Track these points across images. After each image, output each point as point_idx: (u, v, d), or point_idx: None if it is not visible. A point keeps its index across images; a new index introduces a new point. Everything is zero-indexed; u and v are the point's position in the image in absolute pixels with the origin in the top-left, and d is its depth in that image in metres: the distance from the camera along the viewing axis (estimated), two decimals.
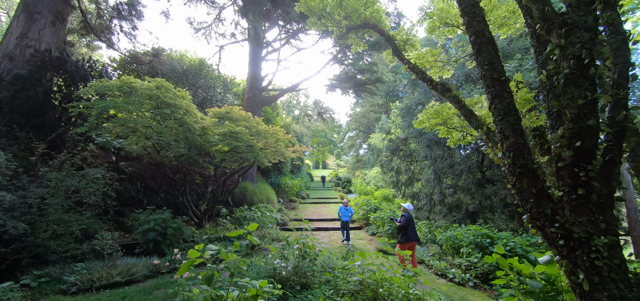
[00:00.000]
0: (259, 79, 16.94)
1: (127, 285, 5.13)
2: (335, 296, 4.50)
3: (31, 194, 4.87)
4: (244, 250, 3.08)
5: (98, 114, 6.70)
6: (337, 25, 4.98)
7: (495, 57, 2.17)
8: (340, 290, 4.63)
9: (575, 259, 1.92)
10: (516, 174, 2.03)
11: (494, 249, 7.51)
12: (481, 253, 7.60)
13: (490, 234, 7.80)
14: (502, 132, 2.09)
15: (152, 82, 7.45)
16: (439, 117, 4.42)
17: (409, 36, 4.63)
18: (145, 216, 7.11)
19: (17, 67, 8.86)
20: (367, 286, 4.49)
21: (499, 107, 2.10)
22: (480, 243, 7.76)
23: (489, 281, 7.38)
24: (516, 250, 7.18)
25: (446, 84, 3.43)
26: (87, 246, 5.54)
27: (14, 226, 4.34)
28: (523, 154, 1.99)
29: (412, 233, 6.91)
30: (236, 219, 9.83)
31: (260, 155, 8.10)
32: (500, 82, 2.14)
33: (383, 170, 16.27)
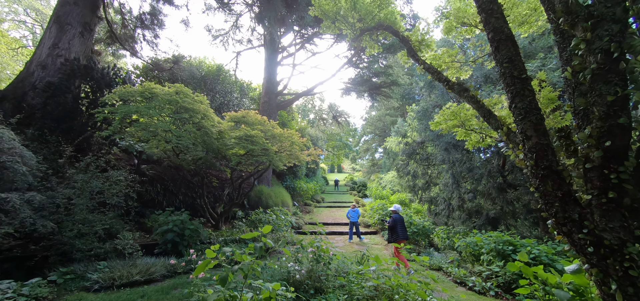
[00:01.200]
0: (274, 83, 17.16)
1: (146, 284, 5.27)
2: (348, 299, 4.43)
3: (59, 194, 5.13)
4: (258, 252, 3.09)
5: (121, 119, 7.00)
6: (351, 28, 4.96)
7: (515, 54, 2.07)
8: (355, 295, 4.55)
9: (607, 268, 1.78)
10: (539, 177, 1.92)
11: (516, 257, 7.21)
12: (503, 261, 7.27)
13: (512, 242, 7.46)
14: (524, 133, 1.98)
15: (172, 88, 7.70)
16: (457, 118, 4.28)
17: (424, 37, 4.54)
18: (164, 218, 7.31)
19: (48, 75, 9.43)
20: (382, 292, 4.39)
21: (520, 107, 2.00)
22: (501, 250, 7.43)
23: (511, 291, 7.05)
24: (541, 258, 6.82)
25: (463, 84, 3.32)
26: (109, 245, 5.76)
27: (43, 225, 4.58)
28: (547, 155, 1.88)
29: (401, 232, 7.51)
30: (251, 222, 9.94)
31: (275, 158, 8.16)
32: (520, 80, 2.04)
33: (399, 174, 15.99)
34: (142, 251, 6.13)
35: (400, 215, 7.79)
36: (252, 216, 10.16)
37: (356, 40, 5.03)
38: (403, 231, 7.56)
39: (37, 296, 4.03)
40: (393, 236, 7.55)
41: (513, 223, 12.25)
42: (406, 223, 10.54)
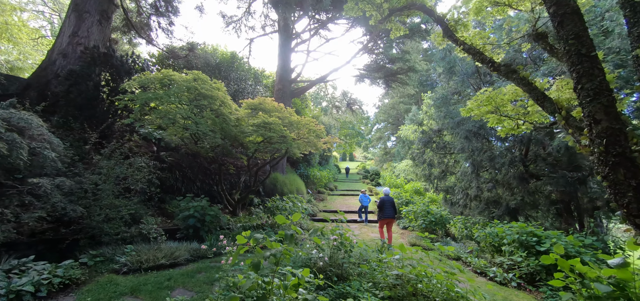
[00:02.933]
0: (288, 70, 16.98)
1: (171, 267, 5.38)
2: (374, 289, 4.38)
3: (86, 180, 5.24)
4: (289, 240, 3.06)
5: (141, 106, 7.04)
6: (378, 9, 4.74)
7: (582, 29, 1.87)
8: (379, 283, 4.50)
9: None
10: (610, 165, 1.76)
11: (540, 249, 6.99)
12: (526, 252, 7.07)
13: (536, 233, 7.23)
14: (592, 116, 1.81)
15: (190, 75, 7.68)
16: (491, 104, 4.07)
17: (460, 17, 4.28)
18: (185, 203, 7.42)
19: (70, 63, 9.57)
20: (407, 280, 4.32)
21: (587, 87, 1.82)
22: (525, 241, 7.22)
23: (535, 283, 6.88)
24: (569, 251, 6.59)
25: (511, 65, 3.10)
26: (134, 229, 5.88)
27: (72, 209, 4.69)
28: (619, 141, 1.71)
29: (387, 212, 8.58)
30: (268, 209, 10.00)
31: (293, 146, 8.11)
32: (588, 58, 1.85)
33: (415, 163, 15.74)
34: (165, 235, 6.24)
35: (389, 197, 8.91)
36: (269, 204, 10.22)
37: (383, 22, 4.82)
38: (389, 211, 8.57)
39: (70, 277, 4.16)
40: (380, 214, 8.71)
41: (533, 215, 11.92)
42: (423, 212, 10.40)
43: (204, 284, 4.78)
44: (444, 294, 4.36)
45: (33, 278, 3.78)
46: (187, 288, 4.60)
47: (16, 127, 4.52)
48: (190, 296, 4.29)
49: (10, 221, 3.89)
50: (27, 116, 4.70)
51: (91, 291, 4.03)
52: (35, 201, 4.28)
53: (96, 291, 4.07)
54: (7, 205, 3.95)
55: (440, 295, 4.37)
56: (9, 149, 4.00)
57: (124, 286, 4.29)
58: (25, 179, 4.40)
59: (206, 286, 4.69)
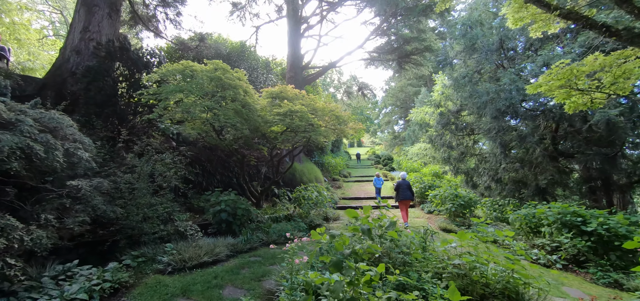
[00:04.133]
0: (299, 57, 16.54)
1: (213, 264, 5.22)
2: (434, 279, 4.17)
3: (121, 179, 5.04)
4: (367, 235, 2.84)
5: (165, 100, 6.78)
6: None
7: None
8: (438, 272, 4.29)
9: None
10: None
11: (586, 228, 6.71)
12: (571, 233, 6.80)
13: (580, 212, 6.93)
14: None
15: (210, 65, 7.37)
16: (564, 78, 3.72)
17: None
18: (215, 198, 7.24)
19: (83, 60, 9.29)
20: (471, 268, 4.11)
21: None
22: (568, 221, 6.94)
23: (581, 265, 6.64)
24: (617, 230, 6.32)
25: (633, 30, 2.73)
26: (170, 227, 5.72)
27: (112, 211, 4.50)
28: None
29: (403, 194, 9.28)
30: (295, 199, 9.82)
31: (321, 133, 7.84)
32: None
33: (433, 145, 15.39)
34: (202, 231, 6.09)
35: (406, 181, 9.59)
36: (294, 194, 10.04)
37: None
38: (404, 193, 9.29)
39: (119, 280, 4.00)
40: (397, 196, 9.46)
41: (562, 194, 11.60)
42: (451, 196, 10.14)
43: (251, 281, 4.61)
44: (505, 280, 4.15)
45: (84, 284, 3.62)
46: (236, 285, 4.44)
47: (48, 128, 4.30)
48: (243, 294, 4.11)
49: (55, 226, 3.70)
50: (58, 115, 4.47)
51: (142, 295, 3.87)
52: (75, 204, 4.08)
53: (147, 294, 3.91)
54: (49, 210, 3.76)
55: (502, 281, 4.17)
56: (45, 151, 3.78)
57: (173, 288, 4.13)
58: (62, 182, 4.20)
59: (255, 283, 4.53)
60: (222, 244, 5.85)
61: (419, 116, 24.55)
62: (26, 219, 3.65)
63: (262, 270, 5.13)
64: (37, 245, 3.31)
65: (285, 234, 7.28)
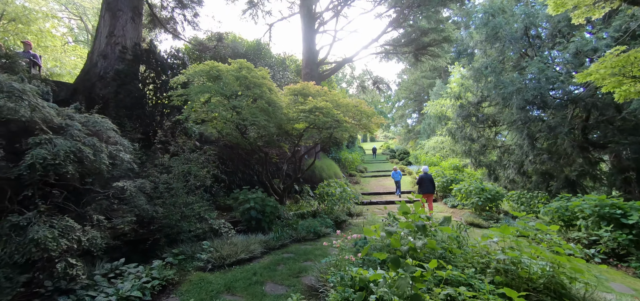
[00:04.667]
0: (314, 53, 16.49)
1: (250, 261, 5.30)
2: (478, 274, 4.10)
3: (159, 180, 5.16)
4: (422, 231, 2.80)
5: (194, 101, 6.89)
6: None
7: None
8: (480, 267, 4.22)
9: None
10: None
11: (627, 222, 6.46)
12: (610, 226, 6.56)
13: (620, 205, 6.67)
14: None
15: (234, 64, 7.43)
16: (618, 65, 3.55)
17: None
18: (244, 196, 7.33)
19: (110, 65, 9.52)
20: (516, 263, 4.02)
21: None
22: (607, 214, 6.69)
23: (622, 258, 6.40)
24: None
25: None
26: (205, 225, 5.83)
27: (154, 210, 4.62)
28: None
29: (426, 187, 9.60)
30: (319, 196, 9.85)
31: (348, 129, 7.81)
32: None
33: (454, 138, 15.10)
34: (234, 229, 6.18)
35: (428, 174, 9.89)
36: (318, 190, 10.06)
37: None
38: (427, 187, 9.60)
39: (165, 277, 4.11)
40: (420, 190, 9.75)
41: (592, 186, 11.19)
42: (477, 189, 9.94)
43: (289, 277, 4.65)
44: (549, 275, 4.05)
45: (135, 282, 3.74)
46: (275, 282, 4.49)
47: (92, 131, 4.43)
48: (284, 291, 4.16)
49: (107, 227, 3.83)
50: (100, 119, 4.61)
51: (190, 292, 3.97)
52: (122, 204, 4.21)
53: (193, 291, 4.00)
54: (98, 211, 3.89)
55: (545, 276, 4.07)
56: (93, 154, 3.90)
57: (216, 284, 4.22)
58: (107, 183, 4.33)
59: (294, 280, 4.57)
60: (255, 241, 5.93)
61: (435, 108, 24.13)
62: (77, 221, 3.79)
63: (297, 266, 5.17)
64: (93, 245, 3.44)
65: (314, 231, 7.36)
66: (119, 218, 4.00)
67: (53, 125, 3.73)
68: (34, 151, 3.22)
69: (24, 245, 2.79)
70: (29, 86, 3.67)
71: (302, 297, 3.41)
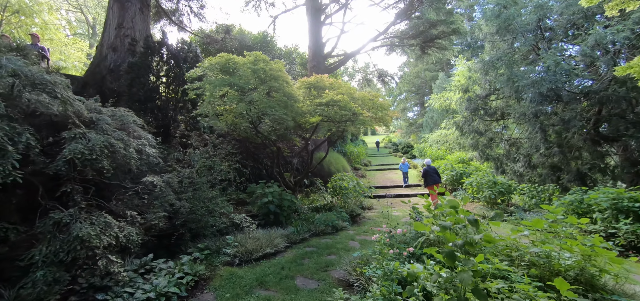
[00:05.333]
0: (320, 46, 16.31)
1: (275, 255, 5.29)
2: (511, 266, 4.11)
3: (183, 174, 5.11)
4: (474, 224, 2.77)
5: (211, 95, 6.79)
6: None
7: None
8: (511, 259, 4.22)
9: None
10: None
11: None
12: (629, 219, 6.60)
13: (637, 197, 6.70)
14: None
15: (250, 56, 7.32)
16: None
17: None
18: (261, 190, 7.30)
19: (120, 57, 9.38)
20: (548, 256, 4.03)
21: None
22: (625, 207, 6.72)
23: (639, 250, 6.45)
24: None
25: None
26: (226, 220, 5.80)
27: (182, 205, 4.57)
28: None
29: (431, 179, 10.03)
30: (332, 189, 9.84)
31: (365, 122, 7.76)
32: None
33: (461, 131, 15.07)
34: (255, 223, 6.15)
35: (432, 167, 10.27)
36: (330, 183, 10.05)
37: None
38: (432, 178, 10.02)
39: (197, 273, 4.09)
40: (426, 181, 10.20)
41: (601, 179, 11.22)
42: (489, 183, 9.97)
43: (318, 271, 4.65)
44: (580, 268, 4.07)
45: (170, 278, 3.71)
46: (305, 276, 4.48)
47: (119, 126, 4.36)
48: (316, 285, 4.16)
49: (141, 223, 3.78)
50: (126, 113, 4.53)
51: (223, 287, 3.95)
52: (152, 199, 4.16)
53: (227, 286, 3.99)
54: (130, 206, 3.84)
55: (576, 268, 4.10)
56: (125, 148, 3.84)
57: (248, 279, 4.20)
58: (136, 178, 4.27)
59: (323, 273, 4.56)
60: (277, 235, 5.91)
61: (439, 102, 24.06)
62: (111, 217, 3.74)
63: (322, 260, 5.16)
64: (130, 241, 3.40)
65: (332, 224, 7.35)
66: (151, 213, 3.94)
67: (84, 119, 3.66)
68: (71, 145, 3.15)
69: (68, 243, 2.74)
70: (59, 77, 3.57)
71: (345, 293, 3.38)
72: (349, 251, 5.83)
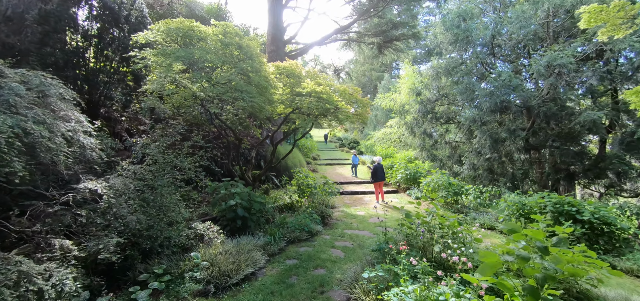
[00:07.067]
0: (281, 30, 15.11)
1: (255, 275, 4.36)
2: None
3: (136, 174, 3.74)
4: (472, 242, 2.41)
5: (167, 69, 5.30)
6: None
7: None
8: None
9: None
10: None
11: (581, 217, 7.50)
12: (570, 221, 7.54)
13: (574, 202, 7.71)
14: None
15: (219, 27, 6.02)
16: None
17: None
18: (226, 189, 6.12)
19: (24, 2, 6.82)
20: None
21: None
22: (565, 211, 7.67)
23: None
24: (608, 219, 7.19)
25: None
26: (190, 231, 4.60)
27: (137, 220, 3.29)
28: None
29: (380, 176, 10.46)
30: (298, 187, 9.06)
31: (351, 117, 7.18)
32: None
33: (413, 133, 15.81)
34: (224, 233, 5.06)
35: (381, 165, 10.69)
36: (295, 180, 9.25)
37: None
38: (381, 175, 10.49)
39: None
40: (373, 178, 10.57)
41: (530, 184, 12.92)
42: (446, 184, 10.51)
43: (315, 295, 3.94)
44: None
45: None
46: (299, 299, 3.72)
47: (35, 100, 2.88)
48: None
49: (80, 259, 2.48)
50: (48, 79, 3.03)
51: None
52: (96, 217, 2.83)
53: None
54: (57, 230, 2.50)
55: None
56: (50, 138, 2.49)
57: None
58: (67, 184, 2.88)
59: (321, 297, 3.86)
60: (252, 247, 4.95)
61: (385, 101, 25.13)
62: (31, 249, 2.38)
63: (312, 277, 4.46)
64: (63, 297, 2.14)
65: (307, 229, 6.62)
66: (94, 238, 2.64)
67: None
68: None
69: None
70: None
71: None
72: (336, 262, 5.24)
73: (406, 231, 5.28)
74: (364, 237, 6.82)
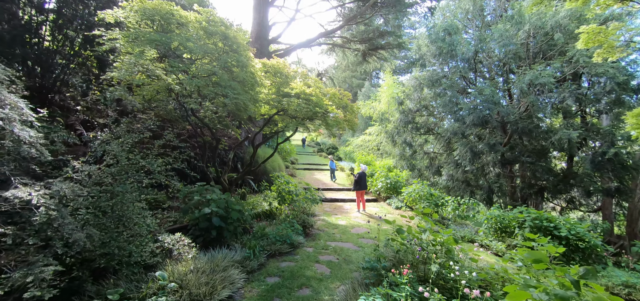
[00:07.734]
0: (266, 28, 14.53)
1: (232, 299, 3.80)
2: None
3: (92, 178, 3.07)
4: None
5: (138, 55, 4.61)
6: None
7: None
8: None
9: None
10: None
11: (559, 233, 7.66)
12: (549, 237, 7.67)
13: (552, 218, 7.88)
14: None
15: (202, 14, 5.42)
16: None
17: None
18: (200, 195, 5.48)
19: None
20: None
21: None
22: (543, 226, 7.81)
23: None
24: (583, 236, 7.39)
25: None
26: (155, 246, 3.95)
27: (87, 236, 2.64)
28: None
29: (363, 184, 10.24)
30: (278, 194, 8.52)
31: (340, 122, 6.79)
32: None
33: (394, 142, 15.83)
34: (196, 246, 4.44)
35: (365, 173, 10.53)
36: (275, 187, 8.71)
37: None
38: (364, 184, 10.30)
39: None
40: (356, 185, 10.30)
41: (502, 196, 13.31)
42: (427, 194, 10.48)
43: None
44: None
45: None
46: None
47: None
48: None
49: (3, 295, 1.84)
50: None
51: None
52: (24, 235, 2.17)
53: None
54: None
55: None
56: None
57: None
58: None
59: None
60: (228, 262, 4.39)
61: (366, 109, 25.25)
62: None
63: (298, 299, 3.97)
64: None
65: (289, 241, 6.11)
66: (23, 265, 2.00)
67: None
68: None
69: None
70: None
71: None
72: (322, 280, 4.79)
73: (397, 246, 5.01)
74: (348, 250, 6.43)
